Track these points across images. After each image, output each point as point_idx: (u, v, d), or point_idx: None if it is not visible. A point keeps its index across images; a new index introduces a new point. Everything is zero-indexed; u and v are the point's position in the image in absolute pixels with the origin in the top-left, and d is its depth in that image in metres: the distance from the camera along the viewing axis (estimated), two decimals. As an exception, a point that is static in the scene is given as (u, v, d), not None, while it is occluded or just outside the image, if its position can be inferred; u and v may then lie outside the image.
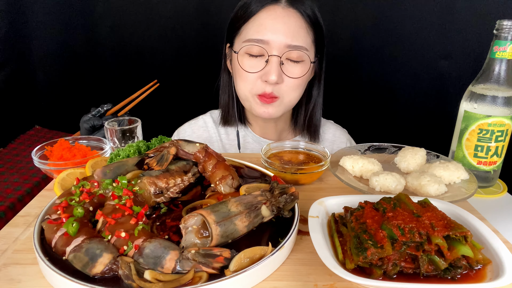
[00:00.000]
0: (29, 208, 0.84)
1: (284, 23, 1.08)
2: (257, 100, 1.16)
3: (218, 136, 1.35)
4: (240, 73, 1.15)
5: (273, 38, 1.08)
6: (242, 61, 1.13)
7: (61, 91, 2.26)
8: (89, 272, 0.58)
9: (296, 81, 1.13)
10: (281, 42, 1.08)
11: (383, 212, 0.64)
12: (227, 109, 1.30)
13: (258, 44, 1.09)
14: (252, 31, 1.11)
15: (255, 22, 1.10)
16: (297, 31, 1.09)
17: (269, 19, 1.09)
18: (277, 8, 1.09)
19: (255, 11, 1.10)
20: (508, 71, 0.93)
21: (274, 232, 0.68)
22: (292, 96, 1.17)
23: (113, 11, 2.07)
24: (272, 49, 1.09)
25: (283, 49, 1.09)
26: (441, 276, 0.59)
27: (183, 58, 2.14)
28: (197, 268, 0.58)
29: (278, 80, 1.10)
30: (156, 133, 0.98)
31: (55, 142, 0.99)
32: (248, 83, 1.14)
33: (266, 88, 1.12)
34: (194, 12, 2.03)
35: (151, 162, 0.81)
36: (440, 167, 0.91)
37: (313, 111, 1.29)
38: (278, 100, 1.15)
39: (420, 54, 1.88)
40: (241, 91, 1.20)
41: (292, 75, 1.12)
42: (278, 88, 1.13)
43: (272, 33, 1.08)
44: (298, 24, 1.10)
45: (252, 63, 1.12)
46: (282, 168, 0.91)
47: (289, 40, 1.08)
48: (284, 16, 1.08)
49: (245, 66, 1.13)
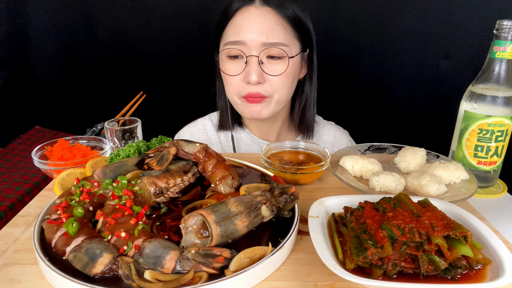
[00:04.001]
0: (29, 208, 0.84)
1: (258, 22, 1.09)
2: (245, 102, 1.16)
3: (217, 139, 1.36)
4: (225, 77, 1.17)
5: (249, 38, 1.08)
6: (223, 65, 1.15)
7: (61, 91, 2.25)
8: (89, 272, 0.58)
9: (281, 78, 1.13)
10: (258, 41, 1.08)
11: (383, 212, 0.64)
12: (223, 114, 1.31)
13: (236, 46, 1.10)
14: (230, 34, 1.12)
15: (232, 25, 1.12)
16: (272, 28, 1.09)
17: (244, 20, 1.10)
18: (251, 9, 1.10)
19: (231, 15, 1.12)
20: (508, 71, 0.93)
21: (274, 232, 0.69)
22: (281, 94, 1.16)
23: (113, 11, 2.07)
24: (250, 50, 1.09)
25: (260, 48, 1.09)
26: (441, 276, 0.59)
27: (183, 58, 2.14)
28: (197, 268, 0.58)
29: (260, 80, 1.10)
30: (156, 133, 0.98)
31: (55, 142, 0.99)
32: (233, 86, 1.15)
33: (250, 89, 1.12)
34: (194, 12, 2.03)
35: (151, 162, 0.81)
36: (440, 167, 0.91)
37: (305, 107, 1.28)
38: (267, 99, 1.15)
39: (420, 54, 1.88)
40: (229, 95, 1.21)
41: (273, 73, 1.12)
42: (264, 88, 1.13)
43: (247, 33, 1.09)
44: (273, 21, 1.10)
45: (233, 67, 1.13)
46: (282, 168, 0.91)
47: (264, 38, 1.08)
48: (258, 16, 1.09)
49: (227, 70, 1.14)
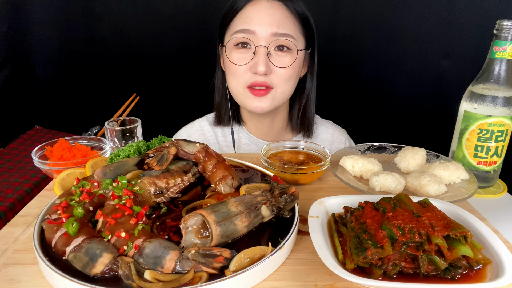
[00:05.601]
0: (29, 208, 0.84)
1: (269, 14, 1.10)
2: (249, 93, 1.16)
3: (215, 139, 1.36)
4: (230, 67, 1.16)
5: (259, 28, 1.09)
6: (230, 54, 1.15)
7: (61, 91, 2.25)
8: (89, 272, 0.58)
9: (287, 72, 1.13)
10: (267, 31, 1.09)
11: (383, 212, 0.64)
12: (221, 108, 1.31)
13: (245, 35, 1.11)
14: (239, 24, 1.13)
15: (242, 15, 1.13)
16: (283, 20, 1.11)
17: (255, 11, 1.11)
18: (262, 1, 1.12)
19: (241, 7, 1.13)
20: (508, 71, 0.93)
21: (274, 232, 0.69)
22: (285, 88, 1.17)
23: (113, 11, 2.07)
24: (258, 40, 1.10)
25: (270, 39, 1.10)
26: (441, 276, 0.59)
27: (183, 57, 2.14)
28: (197, 268, 0.58)
29: (267, 71, 1.11)
30: (156, 133, 0.98)
31: (55, 142, 0.99)
32: (239, 76, 1.15)
33: (256, 79, 1.13)
34: (194, 12, 2.03)
35: (151, 162, 0.81)
36: (440, 167, 0.91)
37: (306, 105, 1.29)
38: (271, 92, 1.15)
39: (420, 54, 1.88)
40: (232, 86, 1.20)
41: (280, 65, 1.12)
42: (270, 79, 1.13)
43: (257, 23, 1.09)
44: (284, 14, 1.11)
45: (240, 56, 1.13)
46: (282, 168, 0.91)
47: (274, 28, 1.09)
48: (269, 8, 1.11)
49: (233, 59, 1.14)
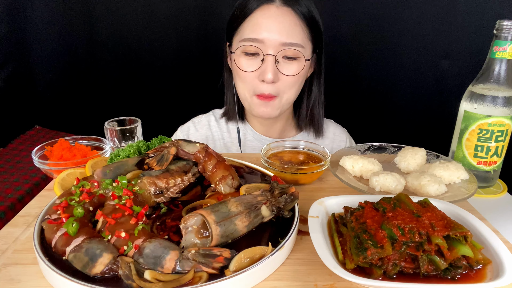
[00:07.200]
0: (29, 208, 0.84)
1: (278, 22, 1.09)
2: (256, 100, 1.17)
3: (220, 135, 1.38)
4: (237, 73, 1.17)
5: (268, 37, 1.09)
6: (238, 60, 1.15)
7: (61, 91, 2.25)
8: (89, 272, 0.58)
9: (294, 79, 1.15)
10: (276, 41, 1.09)
11: (383, 212, 0.64)
12: (230, 105, 1.33)
13: (253, 44, 1.11)
14: (247, 31, 1.12)
15: (251, 21, 1.12)
16: (291, 29, 1.10)
17: (264, 18, 1.10)
18: (272, 7, 1.11)
19: (250, 11, 1.12)
20: (508, 71, 0.93)
21: (274, 232, 0.69)
22: (290, 94, 1.18)
23: (113, 11, 2.07)
24: (267, 48, 1.10)
25: (278, 48, 1.10)
26: (441, 276, 0.59)
27: (183, 57, 2.14)
28: (197, 268, 0.58)
29: (275, 79, 1.12)
30: (156, 133, 0.98)
31: (55, 142, 0.99)
32: (246, 83, 1.16)
33: (263, 89, 1.14)
34: (194, 11, 2.03)
35: (151, 162, 0.81)
36: (440, 167, 0.91)
37: (314, 106, 1.31)
38: (277, 99, 1.17)
39: (420, 54, 1.88)
40: (240, 91, 1.22)
41: (288, 73, 1.13)
42: (275, 88, 1.14)
43: (267, 32, 1.09)
44: (293, 22, 1.11)
45: (249, 63, 1.14)
46: (282, 168, 0.91)
47: (283, 38, 1.09)
48: (278, 15, 1.10)
49: (241, 66, 1.14)
